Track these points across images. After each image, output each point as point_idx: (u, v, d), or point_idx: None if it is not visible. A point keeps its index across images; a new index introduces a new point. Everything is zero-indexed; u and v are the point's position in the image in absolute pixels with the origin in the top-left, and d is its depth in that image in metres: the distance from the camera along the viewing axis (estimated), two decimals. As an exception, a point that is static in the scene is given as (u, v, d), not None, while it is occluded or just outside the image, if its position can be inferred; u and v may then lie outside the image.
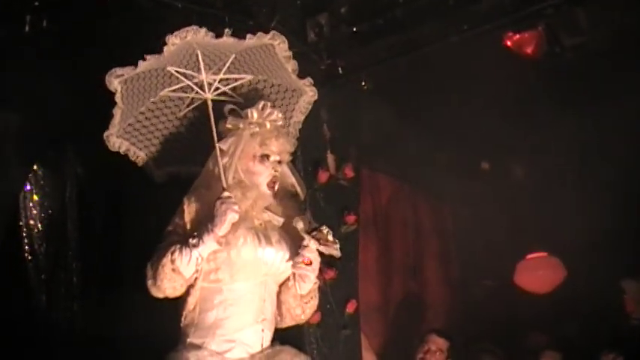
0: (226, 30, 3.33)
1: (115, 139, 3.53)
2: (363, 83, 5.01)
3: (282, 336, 3.45)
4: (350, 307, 4.86)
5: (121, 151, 3.56)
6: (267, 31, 3.45)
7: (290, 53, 3.48)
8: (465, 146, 6.97)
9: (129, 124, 3.53)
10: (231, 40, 3.33)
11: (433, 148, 6.96)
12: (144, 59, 3.26)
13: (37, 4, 4.33)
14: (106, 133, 3.50)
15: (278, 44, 3.43)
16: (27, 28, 4.36)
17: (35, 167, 4.87)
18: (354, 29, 4.72)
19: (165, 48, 3.23)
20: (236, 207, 3.11)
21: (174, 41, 3.22)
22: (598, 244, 6.39)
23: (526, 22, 4.75)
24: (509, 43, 5.32)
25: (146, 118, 3.57)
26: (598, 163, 6.55)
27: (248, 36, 3.35)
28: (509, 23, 4.60)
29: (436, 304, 6.91)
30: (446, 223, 7.40)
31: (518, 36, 5.28)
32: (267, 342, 3.26)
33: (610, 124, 6.19)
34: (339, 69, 4.84)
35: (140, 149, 3.61)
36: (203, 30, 3.26)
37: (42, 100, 4.46)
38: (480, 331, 6.97)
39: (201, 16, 4.22)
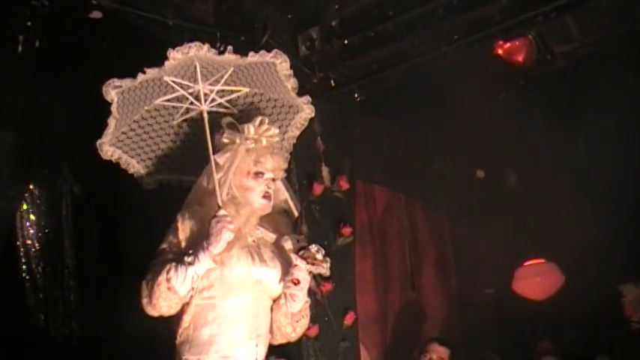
0: (229, 47, 3.35)
1: (108, 148, 3.53)
2: (356, 95, 5.02)
3: (281, 349, 3.47)
4: (348, 319, 4.85)
5: (113, 159, 3.56)
6: (258, 46, 3.47)
7: (291, 72, 3.49)
8: (459, 155, 7.00)
9: (122, 132, 3.54)
10: (233, 56, 3.35)
11: (427, 157, 6.98)
12: (143, 72, 3.27)
13: (29, 24, 4.36)
14: (98, 142, 3.50)
15: (280, 63, 3.43)
16: (20, 49, 4.38)
17: (31, 186, 4.89)
18: (346, 42, 4.73)
19: (167, 63, 3.24)
20: (231, 226, 3.11)
21: (175, 56, 3.23)
22: (596, 250, 6.40)
23: (516, 31, 4.75)
24: (500, 52, 5.34)
25: (139, 126, 3.57)
26: (593, 169, 6.57)
27: (250, 54, 3.37)
28: (500, 32, 4.61)
29: (435, 314, 6.91)
30: (442, 232, 7.41)
31: (508, 44, 5.30)
32: (261, 356, 3.25)
33: (603, 129, 6.21)
34: (332, 82, 4.85)
35: (132, 157, 3.61)
36: (206, 46, 3.27)
37: (36, 120, 4.48)
38: (479, 340, 6.98)
39: (193, 33, 4.24)
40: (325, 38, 4.80)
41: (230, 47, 3.35)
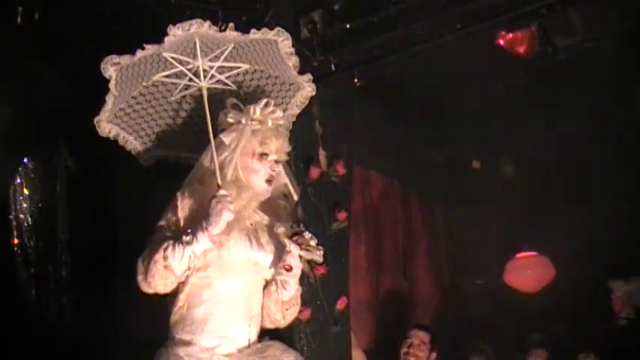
0: (230, 24, 3.33)
1: (106, 124, 3.52)
2: (356, 80, 4.99)
3: (272, 332, 3.46)
4: (340, 304, 4.84)
5: (111, 136, 3.55)
6: (260, 26, 3.45)
7: (293, 50, 3.48)
8: (456, 145, 6.99)
9: (120, 109, 3.52)
10: (234, 33, 3.33)
11: (425, 146, 6.97)
12: (143, 48, 3.25)
13: (28, -4, 4.33)
14: (96, 118, 3.49)
15: (282, 41, 3.42)
16: (19, 20, 4.34)
17: (26, 160, 4.85)
18: (348, 26, 4.70)
19: (167, 39, 3.21)
20: (231, 206, 3.10)
21: (176, 32, 3.21)
22: (587, 244, 6.42)
23: (520, 22, 4.74)
24: (501, 43, 5.32)
25: (137, 102, 3.56)
26: (589, 163, 6.58)
27: (252, 31, 3.34)
28: (503, 23, 4.59)
29: (426, 302, 6.92)
30: (436, 221, 7.40)
31: (511, 35, 5.28)
32: (253, 337, 3.27)
33: (601, 125, 6.21)
34: (332, 66, 4.81)
35: (130, 134, 3.60)
36: (207, 24, 3.26)
37: (33, 94, 4.45)
38: (469, 330, 7.00)
39: (195, 11, 4.20)
40: (327, 22, 4.76)
41: (231, 25, 3.33)
